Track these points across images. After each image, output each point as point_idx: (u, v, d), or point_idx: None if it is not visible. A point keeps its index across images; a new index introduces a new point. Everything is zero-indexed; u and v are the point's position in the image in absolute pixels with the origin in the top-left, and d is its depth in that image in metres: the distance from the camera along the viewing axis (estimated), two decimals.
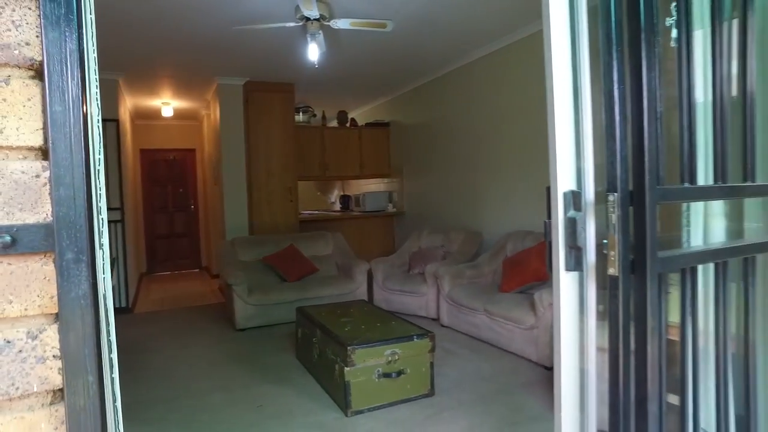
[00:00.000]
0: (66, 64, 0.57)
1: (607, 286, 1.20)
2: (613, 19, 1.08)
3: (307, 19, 3.37)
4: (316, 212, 8.16)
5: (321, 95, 7.01)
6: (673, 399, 1.38)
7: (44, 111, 0.61)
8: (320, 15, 3.32)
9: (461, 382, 3.38)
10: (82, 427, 0.59)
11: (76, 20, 0.58)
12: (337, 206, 8.70)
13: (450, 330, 4.62)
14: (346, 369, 2.87)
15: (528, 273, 4.27)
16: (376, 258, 5.81)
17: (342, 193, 8.81)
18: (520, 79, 4.88)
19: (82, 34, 0.59)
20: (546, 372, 3.54)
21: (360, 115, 8.32)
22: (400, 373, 3.03)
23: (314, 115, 7.28)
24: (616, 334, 1.17)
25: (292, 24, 3.42)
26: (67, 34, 0.57)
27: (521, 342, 3.78)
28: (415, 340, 3.08)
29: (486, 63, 5.33)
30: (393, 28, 3.74)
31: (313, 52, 3.66)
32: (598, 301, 1.24)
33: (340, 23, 3.44)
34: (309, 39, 3.50)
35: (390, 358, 3.00)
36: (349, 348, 2.87)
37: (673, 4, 1.21)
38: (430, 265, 5.14)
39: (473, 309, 4.32)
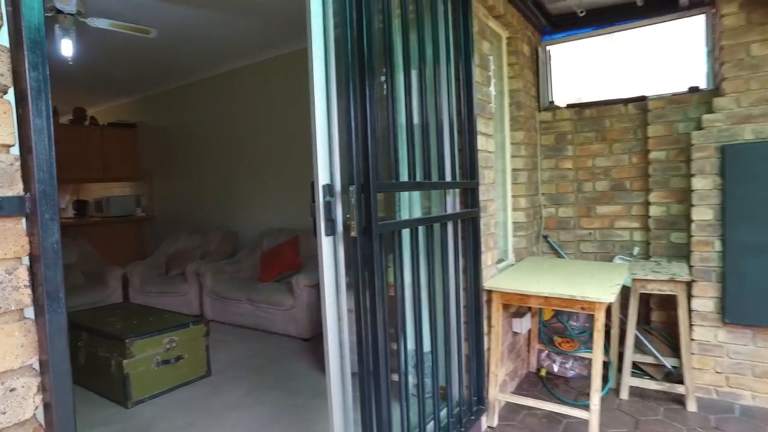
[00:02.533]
0: (42, 91, 0.89)
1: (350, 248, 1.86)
2: (350, 77, 1.76)
3: (60, 11, 3.26)
4: None
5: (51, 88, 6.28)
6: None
7: (14, 120, 0.90)
8: (77, 11, 3.26)
9: (234, 362, 3.79)
10: (58, 327, 0.91)
11: (46, 63, 0.90)
12: (70, 212, 7.83)
13: (216, 323, 4.91)
14: (125, 362, 2.98)
15: (283, 264, 4.91)
16: (126, 263, 5.63)
17: (76, 198, 7.96)
18: (275, 91, 5.49)
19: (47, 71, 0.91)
20: (305, 343, 4.23)
21: (100, 113, 7.68)
22: (178, 358, 3.26)
23: None
24: (356, 275, 1.84)
25: None
26: (42, 72, 0.89)
27: (282, 322, 4.38)
28: (191, 326, 3.36)
29: (246, 73, 5.76)
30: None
31: (67, 48, 3.52)
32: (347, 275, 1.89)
33: (99, 22, 3.43)
34: (61, 33, 3.37)
35: (168, 346, 3.21)
36: (127, 341, 2.99)
37: (383, 70, 1.96)
38: (191, 265, 5.32)
39: (237, 300, 4.73)
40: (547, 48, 4.06)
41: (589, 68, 4.18)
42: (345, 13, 1.77)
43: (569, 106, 3.94)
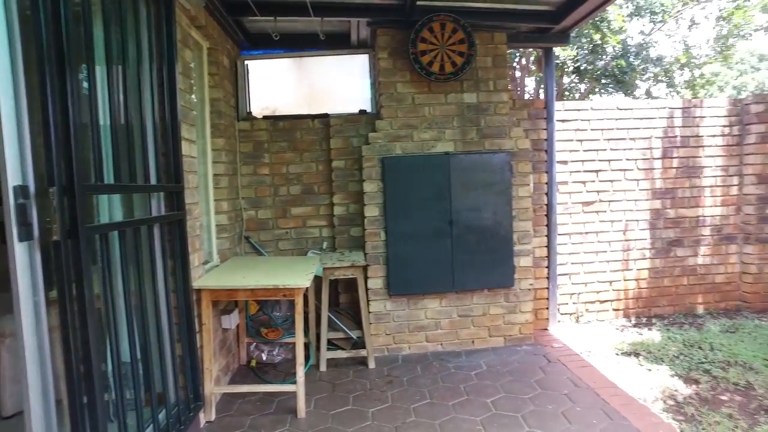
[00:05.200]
0: None
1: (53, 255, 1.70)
2: (46, 67, 1.63)
3: None
4: None
5: None
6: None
7: None
8: None
9: None
10: None
11: None
12: None
13: None
14: None
15: None
16: None
17: None
18: None
19: None
20: None
21: None
22: None
23: None
24: (61, 287, 1.70)
25: None
26: None
27: None
28: None
29: None
30: None
31: None
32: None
33: None
34: None
35: None
36: None
37: (83, 65, 1.87)
38: None
39: None
40: (246, 62, 4.36)
41: (284, 85, 4.69)
42: None
43: (265, 117, 4.33)
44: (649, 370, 3.69)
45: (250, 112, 4.39)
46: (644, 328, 4.59)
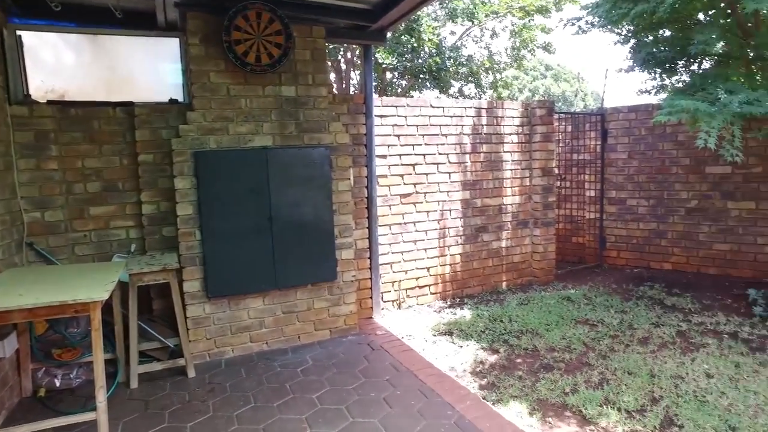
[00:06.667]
0: None
1: None
2: None
3: None
4: None
5: None
6: None
7: None
8: None
9: None
10: None
11: None
12: None
13: None
14: None
15: None
16: None
17: None
18: None
19: None
20: None
21: None
22: None
23: None
24: None
25: None
26: None
27: None
28: None
29: None
30: None
31: None
32: None
33: None
34: None
35: None
36: None
37: None
38: None
39: None
40: (18, 32, 3.63)
41: (77, 66, 4.04)
42: None
43: (51, 102, 3.68)
44: (461, 346, 4.07)
45: (28, 95, 3.69)
46: (458, 308, 5.05)
